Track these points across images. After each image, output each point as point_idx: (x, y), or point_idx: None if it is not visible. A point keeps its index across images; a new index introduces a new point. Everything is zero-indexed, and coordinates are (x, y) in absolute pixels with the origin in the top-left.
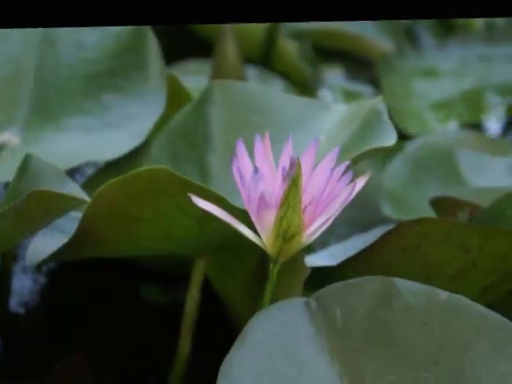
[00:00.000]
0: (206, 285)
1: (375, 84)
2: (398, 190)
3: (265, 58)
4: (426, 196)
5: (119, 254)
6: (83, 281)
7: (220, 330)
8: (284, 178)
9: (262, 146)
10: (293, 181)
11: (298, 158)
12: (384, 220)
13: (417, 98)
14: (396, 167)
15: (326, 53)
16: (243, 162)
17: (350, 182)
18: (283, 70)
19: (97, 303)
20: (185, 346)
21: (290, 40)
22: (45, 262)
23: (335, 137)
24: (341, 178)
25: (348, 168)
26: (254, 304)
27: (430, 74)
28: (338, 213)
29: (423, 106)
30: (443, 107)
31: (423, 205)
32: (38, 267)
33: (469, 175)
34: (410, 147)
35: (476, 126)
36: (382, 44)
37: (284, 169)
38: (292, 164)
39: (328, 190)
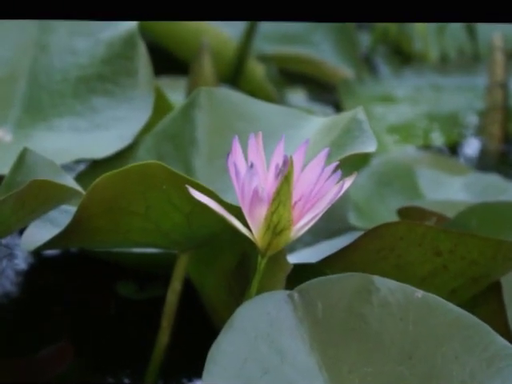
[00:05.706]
0: (186, 283)
1: (336, 106)
2: (363, 202)
3: (234, 78)
4: (388, 207)
5: (109, 245)
6: (70, 274)
7: (197, 324)
8: (277, 175)
9: (255, 144)
10: (285, 177)
11: (290, 156)
12: (350, 229)
13: (375, 120)
14: (361, 180)
15: (291, 76)
16: (238, 158)
17: (339, 181)
18: (250, 89)
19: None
20: (164, 336)
21: (258, 62)
22: (39, 249)
23: (317, 142)
24: (330, 176)
25: (337, 168)
26: (230, 299)
27: (387, 99)
28: (325, 210)
29: (380, 128)
30: (399, 130)
31: (385, 215)
32: (33, 253)
33: (427, 190)
34: (374, 163)
35: (429, 148)
36: (342, 70)
37: (277, 166)
38: (285, 162)
39: (317, 188)
